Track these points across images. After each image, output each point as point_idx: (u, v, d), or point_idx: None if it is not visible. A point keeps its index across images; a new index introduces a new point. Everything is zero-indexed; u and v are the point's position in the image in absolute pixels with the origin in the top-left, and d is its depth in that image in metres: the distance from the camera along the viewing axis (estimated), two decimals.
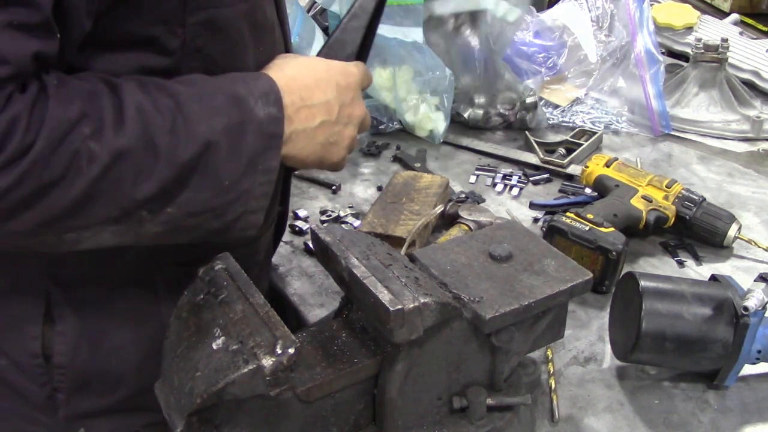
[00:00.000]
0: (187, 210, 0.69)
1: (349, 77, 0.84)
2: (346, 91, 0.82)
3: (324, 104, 0.80)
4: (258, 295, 0.70)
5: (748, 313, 0.86)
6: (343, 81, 0.82)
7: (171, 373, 0.68)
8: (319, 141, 0.80)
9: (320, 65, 0.83)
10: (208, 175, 0.69)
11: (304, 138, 0.78)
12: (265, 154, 0.72)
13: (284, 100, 0.74)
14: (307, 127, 0.78)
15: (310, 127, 0.78)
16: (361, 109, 0.85)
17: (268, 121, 0.73)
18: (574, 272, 0.79)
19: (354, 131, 0.85)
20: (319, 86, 0.80)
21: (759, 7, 2.27)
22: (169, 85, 0.69)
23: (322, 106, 0.79)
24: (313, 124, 0.79)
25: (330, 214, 1.31)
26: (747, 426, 0.89)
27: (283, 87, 0.75)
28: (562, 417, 0.89)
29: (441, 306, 0.70)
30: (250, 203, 0.73)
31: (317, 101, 0.79)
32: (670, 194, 1.23)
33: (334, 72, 0.82)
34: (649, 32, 1.61)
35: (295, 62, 0.83)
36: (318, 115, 0.79)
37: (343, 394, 0.74)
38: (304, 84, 0.79)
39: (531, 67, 1.73)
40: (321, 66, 0.83)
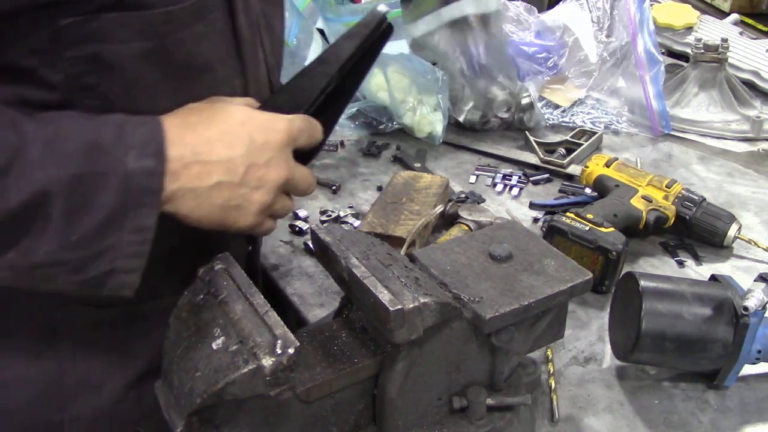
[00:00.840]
0: (31, 259, 0.64)
1: (270, 134, 0.73)
2: (260, 149, 0.72)
3: (225, 162, 0.70)
4: (258, 295, 0.70)
5: (748, 313, 0.86)
6: (261, 138, 0.72)
7: (171, 373, 0.68)
8: (217, 203, 0.71)
9: (237, 116, 0.73)
10: (51, 226, 0.63)
11: (195, 198, 0.69)
12: (136, 211, 0.65)
13: (171, 152, 0.67)
14: (198, 186, 0.69)
15: (203, 187, 0.69)
16: (281, 172, 0.74)
17: (141, 174, 0.65)
18: (574, 272, 0.79)
19: (268, 196, 0.74)
20: (223, 140, 0.70)
21: (759, 7, 2.27)
22: (21, 120, 0.64)
23: (221, 164, 0.70)
24: (208, 184, 0.69)
25: (330, 214, 1.31)
26: (747, 426, 0.89)
27: (174, 137, 0.67)
28: (562, 417, 0.89)
29: (441, 306, 0.70)
30: (117, 262, 0.66)
31: (216, 158, 0.69)
32: (670, 194, 1.23)
33: (251, 126, 0.72)
34: (649, 32, 1.61)
35: (208, 110, 0.73)
36: (215, 173, 0.69)
37: (343, 394, 0.74)
38: (204, 136, 0.69)
39: (532, 67, 1.72)
40: (237, 117, 0.73)
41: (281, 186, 0.74)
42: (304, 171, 0.78)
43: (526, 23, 1.79)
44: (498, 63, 1.57)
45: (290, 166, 0.75)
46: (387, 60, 1.55)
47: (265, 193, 0.73)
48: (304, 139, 0.77)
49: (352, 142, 1.58)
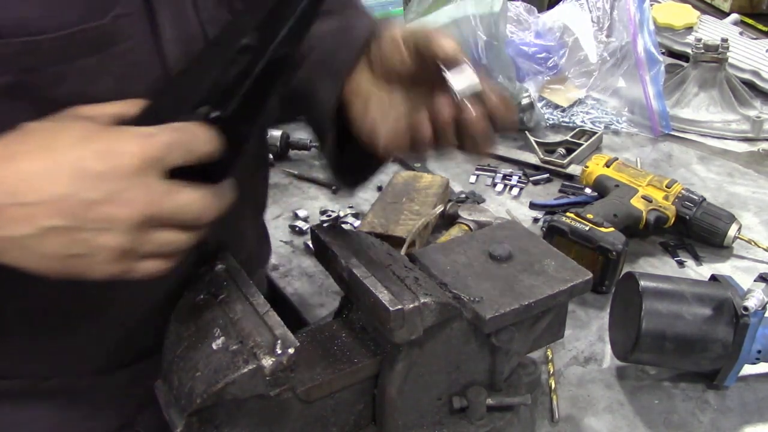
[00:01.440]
0: None
1: (112, 159, 0.55)
2: (99, 182, 0.54)
3: (51, 202, 0.54)
4: (258, 295, 0.70)
5: (748, 313, 0.86)
6: (98, 166, 0.54)
7: (171, 373, 0.68)
8: (50, 252, 0.55)
9: (69, 140, 0.56)
10: None
11: (20, 248, 0.55)
12: None
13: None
14: (21, 234, 0.54)
15: (26, 234, 0.54)
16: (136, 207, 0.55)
17: None
18: (574, 272, 0.79)
19: (121, 238, 0.56)
20: (48, 175, 0.54)
21: (759, 7, 2.27)
22: None
23: (46, 205, 0.54)
24: (30, 230, 0.54)
25: (330, 214, 1.31)
26: (747, 426, 0.89)
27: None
28: (562, 417, 0.89)
29: (441, 306, 0.70)
30: None
31: (38, 198, 0.54)
32: (670, 194, 1.23)
33: (85, 153, 0.55)
34: (649, 32, 1.61)
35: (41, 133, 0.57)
36: (39, 217, 0.54)
37: (343, 394, 0.74)
38: (23, 171, 0.54)
39: (532, 67, 1.72)
40: (69, 141, 0.56)
41: (143, 222, 0.56)
42: (190, 196, 0.58)
43: (526, 23, 1.79)
44: (498, 63, 1.57)
45: (155, 195, 0.56)
46: None
47: (116, 235, 0.56)
48: (177, 155, 0.57)
49: None
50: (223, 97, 0.60)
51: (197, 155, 0.58)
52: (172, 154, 0.57)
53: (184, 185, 0.58)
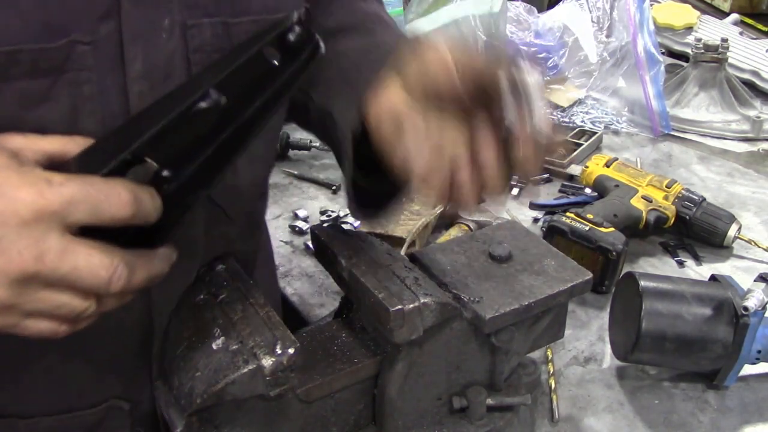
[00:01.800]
0: None
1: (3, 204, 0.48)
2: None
3: None
4: (258, 294, 0.70)
5: (748, 313, 0.86)
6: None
7: (170, 373, 0.68)
8: None
9: None
10: None
11: None
12: None
13: None
14: None
15: None
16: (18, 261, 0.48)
17: None
18: (574, 272, 0.79)
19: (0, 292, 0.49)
20: None
21: (759, 7, 2.27)
22: None
23: None
24: None
25: (330, 214, 1.31)
26: (747, 426, 0.89)
27: None
28: (562, 417, 0.89)
29: (441, 306, 0.70)
30: None
31: None
32: (670, 194, 1.23)
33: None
34: (649, 32, 1.61)
35: None
36: None
37: (343, 394, 0.74)
38: None
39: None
40: None
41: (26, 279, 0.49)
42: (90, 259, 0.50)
43: (526, 23, 1.79)
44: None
45: (43, 251, 0.48)
46: None
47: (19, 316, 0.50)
48: (81, 214, 0.49)
49: None
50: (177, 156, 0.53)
51: (107, 218, 0.51)
52: (75, 212, 0.49)
53: (89, 246, 0.50)
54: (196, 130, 0.53)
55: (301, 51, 0.54)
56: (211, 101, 0.52)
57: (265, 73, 0.53)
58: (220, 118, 0.53)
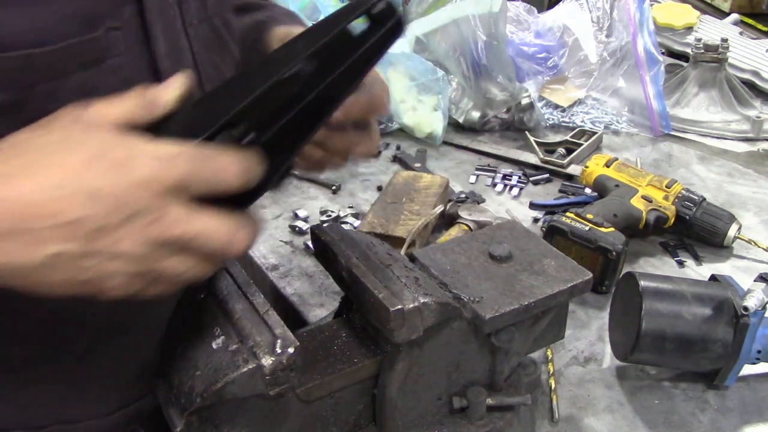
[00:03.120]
0: None
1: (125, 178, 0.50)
2: (113, 205, 0.50)
3: (60, 227, 0.49)
4: (258, 294, 0.70)
5: (748, 313, 0.86)
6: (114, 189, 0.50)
7: (170, 372, 0.68)
8: (58, 278, 0.52)
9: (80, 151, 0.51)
10: None
11: (26, 275, 0.51)
12: None
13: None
14: (26, 264, 0.50)
15: (33, 263, 0.50)
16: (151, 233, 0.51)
17: None
18: (574, 272, 0.79)
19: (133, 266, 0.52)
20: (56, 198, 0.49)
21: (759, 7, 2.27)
22: None
23: (54, 230, 0.49)
24: (38, 258, 0.50)
25: (330, 214, 1.31)
26: (747, 426, 0.89)
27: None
28: (562, 417, 0.89)
29: (441, 306, 0.70)
30: None
31: (45, 223, 0.49)
32: (670, 194, 1.23)
33: (99, 169, 0.50)
34: (649, 32, 1.62)
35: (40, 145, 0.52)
36: (47, 243, 0.50)
37: (343, 394, 0.74)
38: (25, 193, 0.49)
39: (532, 67, 1.73)
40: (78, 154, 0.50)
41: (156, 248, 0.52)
42: (209, 224, 0.53)
43: (526, 23, 1.80)
44: (497, 63, 1.57)
45: (171, 225, 0.52)
46: (387, 59, 1.55)
47: (128, 261, 0.52)
48: (198, 184, 0.52)
49: None
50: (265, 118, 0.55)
51: (222, 188, 0.53)
52: (194, 183, 0.52)
53: (208, 213, 0.53)
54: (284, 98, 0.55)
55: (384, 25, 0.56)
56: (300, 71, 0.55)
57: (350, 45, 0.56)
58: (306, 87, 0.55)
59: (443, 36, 1.57)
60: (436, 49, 1.59)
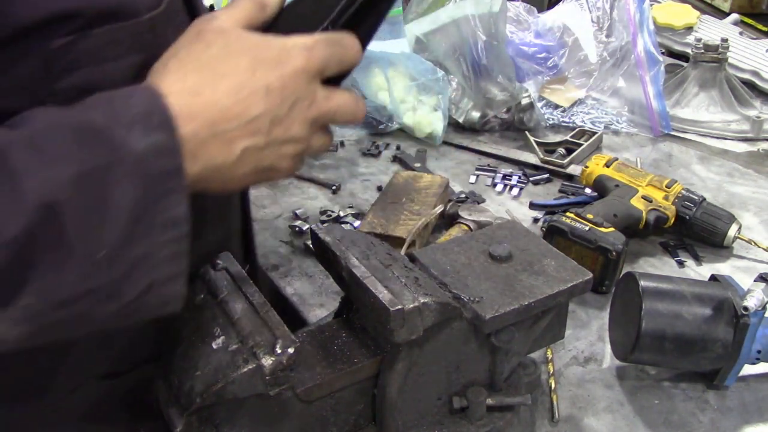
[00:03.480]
0: (55, 298, 0.51)
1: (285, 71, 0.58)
2: (280, 98, 0.58)
3: (245, 125, 0.57)
4: (258, 295, 0.70)
5: (748, 313, 0.86)
6: (276, 82, 0.58)
7: (171, 372, 0.68)
8: (245, 171, 0.60)
9: (241, 57, 0.58)
10: (67, 248, 0.49)
11: (221, 175, 0.58)
12: (161, 202, 0.53)
13: (182, 130, 0.54)
14: (222, 163, 0.57)
15: (229, 162, 0.58)
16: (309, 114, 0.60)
17: (154, 154, 0.52)
18: (574, 272, 0.79)
19: (300, 146, 0.61)
20: (236, 99, 0.57)
21: (759, 7, 2.27)
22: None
23: (241, 129, 0.57)
24: (232, 157, 0.58)
25: (330, 214, 1.31)
26: (747, 426, 0.89)
27: (181, 110, 0.55)
28: (562, 417, 0.89)
29: (441, 306, 0.70)
30: (155, 272, 0.54)
31: (234, 124, 0.57)
32: (670, 194, 1.23)
33: (262, 68, 0.58)
34: (649, 32, 1.62)
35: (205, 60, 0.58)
36: (237, 142, 0.57)
37: (343, 394, 0.74)
38: (212, 101, 0.56)
39: (532, 67, 1.73)
40: (241, 59, 0.58)
41: (312, 126, 0.62)
42: (345, 99, 0.63)
43: (526, 23, 1.80)
44: (497, 63, 1.57)
45: (320, 104, 0.61)
46: (387, 60, 1.55)
47: (296, 144, 0.61)
48: (333, 65, 0.61)
49: (352, 142, 1.58)
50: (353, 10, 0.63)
51: (345, 66, 0.63)
52: (330, 64, 0.61)
53: (337, 90, 0.63)
54: None
55: None
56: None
57: None
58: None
59: (443, 36, 1.57)
60: (436, 49, 1.59)
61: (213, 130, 0.56)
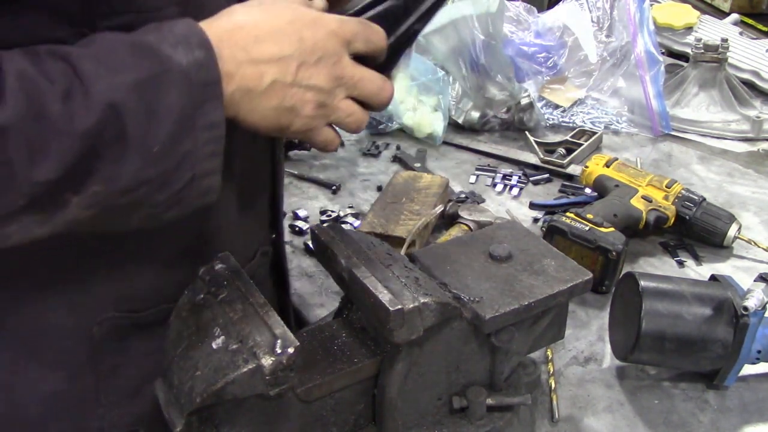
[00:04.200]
0: (118, 186, 0.60)
1: (319, 33, 0.68)
2: (311, 48, 0.67)
3: (276, 61, 0.66)
4: (258, 294, 0.70)
5: (748, 313, 0.86)
6: (310, 36, 0.67)
7: (171, 372, 0.68)
8: (271, 104, 0.67)
9: (284, 13, 0.68)
10: (128, 142, 0.59)
11: (250, 100, 0.66)
12: (202, 108, 0.62)
13: (222, 52, 0.63)
14: (253, 88, 0.66)
15: (259, 89, 0.66)
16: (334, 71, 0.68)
17: (196, 67, 0.61)
18: (574, 272, 0.79)
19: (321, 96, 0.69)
20: (273, 38, 0.66)
21: (759, 7, 2.27)
22: (60, 48, 0.60)
23: (273, 64, 0.66)
24: (263, 85, 0.66)
25: (330, 214, 1.31)
26: (747, 426, 0.89)
27: (223, 36, 0.64)
28: (562, 417, 0.89)
29: (441, 306, 0.70)
30: (197, 166, 0.63)
31: (268, 56, 0.66)
32: (670, 194, 1.23)
33: (299, 25, 0.67)
34: (649, 32, 1.62)
35: (249, 8, 0.69)
36: (268, 73, 0.66)
37: (343, 394, 0.74)
38: (252, 35, 0.66)
39: (532, 67, 1.73)
40: (284, 14, 0.68)
41: (337, 83, 0.69)
42: (371, 74, 0.71)
43: (526, 23, 1.80)
44: (496, 63, 1.57)
45: (346, 67, 0.69)
46: None
47: (318, 92, 0.68)
48: (360, 43, 0.70)
49: (352, 142, 1.58)
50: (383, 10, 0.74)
51: (370, 47, 0.71)
52: (357, 41, 0.70)
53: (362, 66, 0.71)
54: None
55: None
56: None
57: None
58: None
59: (442, 37, 1.56)
60: (435, 50, 1.59)
61: (249, 56, 0.65)
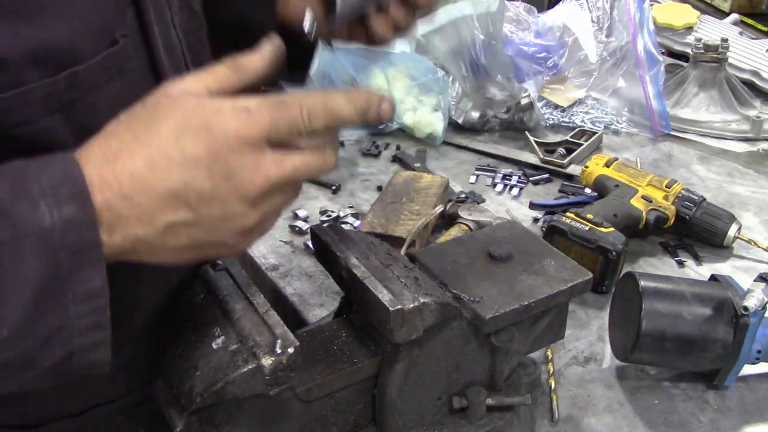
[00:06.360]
0: None
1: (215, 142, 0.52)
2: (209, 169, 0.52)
3: (164, 199, 0.52)
4: (258, 294, 0.70)
5: (748, 313, 0.86)
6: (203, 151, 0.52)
7: (170, 372, 0.68)
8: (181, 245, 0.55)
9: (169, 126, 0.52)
10: None
11: (149, 246, 0.54)
12: (74, 276, 0.50)
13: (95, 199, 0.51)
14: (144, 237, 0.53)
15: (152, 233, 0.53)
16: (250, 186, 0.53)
17: (63, 228, 0.49)
18: (574, 272, 0.79)
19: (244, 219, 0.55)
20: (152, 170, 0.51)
21: (759, 7, 2.27)
22: None
23: (159, 202, 0.52)
24: (155, 230, 0.53)
25: (330, 214, 1.31)
26: (747, 426, 0.89)
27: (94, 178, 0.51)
28: (562, 417, 0.89)
29: (441, 306, 0.70)
30: (74, 343, 0.52)
31: (150, 196, 0.52)
32: (670, 194, 1.23)
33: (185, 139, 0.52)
34: (649, 32, 1.61)
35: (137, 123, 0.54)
36: (157, 216, 0.52)
37: (343, 394, 0.74)
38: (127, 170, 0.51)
39: (532, 67, 1.73)
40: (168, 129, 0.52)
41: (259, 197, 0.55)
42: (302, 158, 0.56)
43: (526, 23, 1.79)
44: (496, 63, 1.57)
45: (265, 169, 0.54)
46: (388, 60, 1.55)
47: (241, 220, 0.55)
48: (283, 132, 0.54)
49: (352, 142, 1.58)
50: None
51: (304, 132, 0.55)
52: (278, 131, 0.54)
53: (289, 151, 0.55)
54: None
55: None
56: None
57: None
58: None
59: (442, 37, 1.56)
60: (435, 50, 1.59)
61: (128, 201, 0.52)
